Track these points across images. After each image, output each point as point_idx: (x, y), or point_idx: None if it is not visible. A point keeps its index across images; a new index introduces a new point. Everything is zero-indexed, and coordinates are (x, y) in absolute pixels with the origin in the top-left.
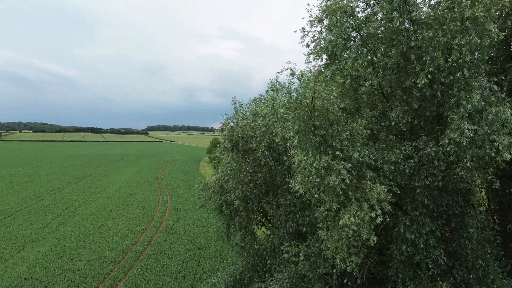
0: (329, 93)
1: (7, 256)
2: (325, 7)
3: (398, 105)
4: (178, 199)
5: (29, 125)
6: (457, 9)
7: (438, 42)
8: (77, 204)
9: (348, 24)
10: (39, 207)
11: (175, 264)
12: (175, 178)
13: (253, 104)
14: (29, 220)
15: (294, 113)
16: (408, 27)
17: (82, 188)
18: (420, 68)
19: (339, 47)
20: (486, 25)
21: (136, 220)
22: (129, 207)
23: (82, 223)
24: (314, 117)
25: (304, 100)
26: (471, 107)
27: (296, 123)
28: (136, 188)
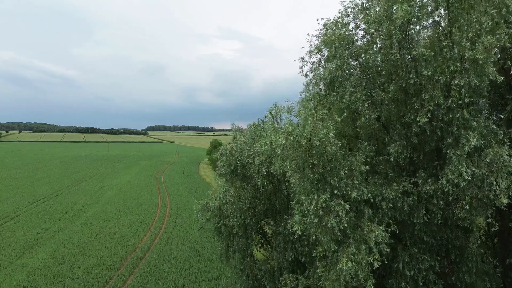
0: (327, 131)
1: (7, 263)
2: (324, 36)
3: (397, 140)
4: (177, 203)
5: (29, 125)
6: (457, 48)
7: (437, 80)
8: (76, 208)
9: (347, 54)
10: (38, 211)
11: (175, 271)
12: (175, 180)
13: (252, 128)
14: (28, 225)
15: (292, 150)
16: (407, 62)
17: (82, 191)
18: (419, 104)
19: (337, 78)
20: (486, 67)
21: (135, 224)
22: (128, 211)
23: (82, 228)
24: (312, 155)
25: (302, 139)
26: (469, 149)
27: (294, 162)
28: (135, 191)
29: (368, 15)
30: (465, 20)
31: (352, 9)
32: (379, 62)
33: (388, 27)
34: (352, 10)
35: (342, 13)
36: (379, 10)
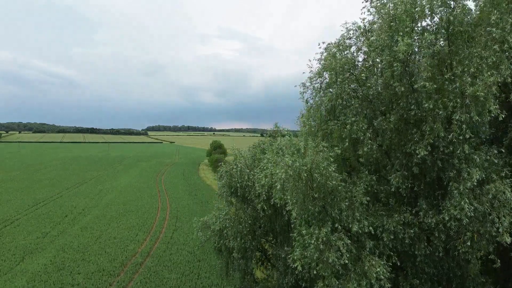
0: (328, 164)
1: (7, 268)
2: (325, 61)
3: (398, 169)
4: (177, 206)
5: (29, 125)
6: (458, 83)
7: (438, 113)
8: (76, 212)
9: (348, 81)
10: (38, 215)
11: (175, 277)
12: (175, 182)
13: (252, 148)
14: (28, 229)
15: (292, 183)
16: (408, 93)
17: (82, 194)
18: (420, 136)
19: (338, 106)
20: (487, 104)
21: (135, 228)
22: (128, 215)
23: (82, 232)
24: (313, 188)
25: (302, 173)
26: (471, 185)
27: (294, 194)
28: (135, 194)
29: (370, 41)
30: (466, 54)
31: (354, 31)
32: (380, 89)
33: (389, 58)
34: (354, 32)
35: (343, 36)
36: (380, 39)
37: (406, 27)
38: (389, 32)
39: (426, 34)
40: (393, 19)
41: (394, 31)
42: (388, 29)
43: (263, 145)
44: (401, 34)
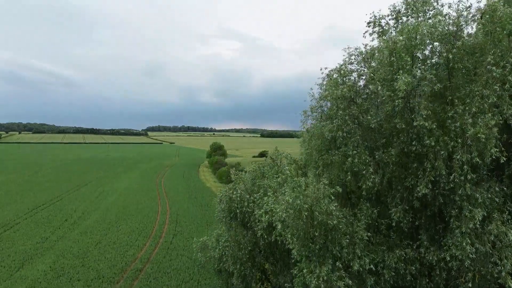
0: (329, 202)
1: (6, 275)
2: (326, 91)
3: (399, 203)
4: (177, 209)
5: (29, 125)
6: (459, 122)
7: (439, 151)
8: (76, 216)
9: (348, 112)
10: (38, 219)
11: (174, 284)
12: (175, 185)
13: (252, 172)
14: (28, 234)
15: (292, 221)
16: (409, 128)
17: (81, 197)
18: (421, 171)
19: (339, 138)
20: (488, 145)
21: (135, 233)
22: (128, 219)
23: (81, 237)
24: (314, 226)
25: (303, 212)
26: (473, 226)
27: (295, 231)
28: (135, 197)
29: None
30: (467, 91)
31: (356, 56)
32: (381, 119)
33: (389, 93)
34: (355, 58)
35: (345, 61)
36: (381, 72)
37: (406, 64)
38: (389, 67)
39: (426, 73)
40: (392, 53)
41: (394, 69)
42: (388, 63)
43: (263, 168)
44: (401, 71)
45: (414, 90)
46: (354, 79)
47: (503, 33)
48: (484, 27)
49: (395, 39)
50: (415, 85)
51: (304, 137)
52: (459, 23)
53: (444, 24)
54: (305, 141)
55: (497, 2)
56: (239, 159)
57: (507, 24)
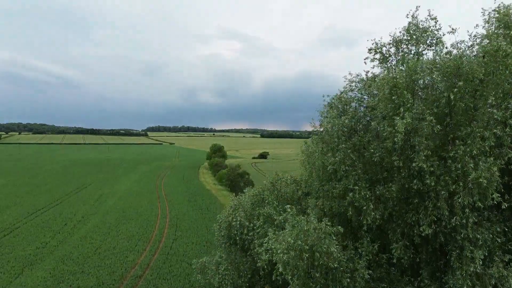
0: (330, 243)
1: (6, 282)
2: (326, 124)
3: (400, 238)
4: (177, 213)
5: (29, 126)
6: (460, 164)
7: (441, 192)
8: (76, 220)
9: (349, 146)
10: (38, 223)
11: None
12: (175, 187)
13: (253, 198)
14: (28, 238)
15: (293, 261)
16: (410, 165)
17: (81, 200)
18: (423, 209)
19: (340, 171)
20: (489, 189)
21: (135, 238)
22: (128, 223)
23: (81, 242)
24: (314, 266)
25: (304, 253)
26: (474, 269)
27: (295, 271)
28: (135, 200)
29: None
30: (468, 131)
31: (356, 83)
32: (382, 153)
33: (390, 129)
34: (356, 84)
35: (346, 87)
36: (382, 108)
37: (408, 102)
38: (390, 103)
39: (426, 114)
40: (393, 90)
41: (395, 104)
42: (389, 99)
43: (263, 193)
44: (402, 108)
45: (415, 129)
46: (354, 106)
47: (506, 72)
48: (487, 66)
49: (395, 75)
50: (415, 125)
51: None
52: (460, 63)
53: (445, 61)
54: (306, 166)
55: (501, 40)
56: (239, 160)
57: (510, 63)
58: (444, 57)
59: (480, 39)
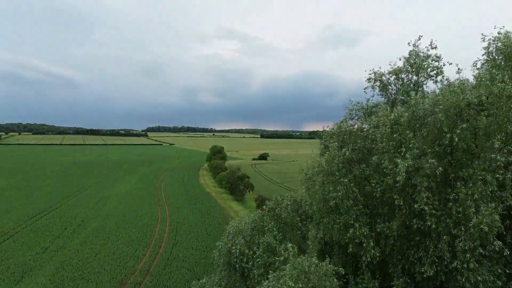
0: (331, 285)
1: None
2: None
3: (401, 275)
4: (177, 217)
5: (29, 126)
6: (461, 207)
7: (442, 235)
8: (76, 224)
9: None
10: (38, 227)
11: None
12: (175, 189)
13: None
14: (28, 243)
15: None
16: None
17: (81, 203)
18: (423, 249)
19: (342, 206)
20: (491, 236)
21: (135, 242)
22: (128, 227)
23: (81, 247)
24: None
25: None
26: None
27: None
28: (135, 203)
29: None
30: (469, 173)
31: (356, 111)
32: (384, 189)
33: (391, 167)
34: (356, 112)
35: (346, 116)
36: (383, 145)
37: (409, 142)
38: (392, 140)
39: (428, 157)
40: (394, 128)
41: (396, 142)
42: (390, 136)
43: (263, 218)
44: (403, 147)
45: (416, 168)
46: (354, 135)
47: (509, 114)
48: (490, 108)
49: (397, 115)
50: (417, 165)
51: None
52: (463, 103)
53: (447, 98)
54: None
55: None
56: (239, 161)
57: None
58: (446, 95)
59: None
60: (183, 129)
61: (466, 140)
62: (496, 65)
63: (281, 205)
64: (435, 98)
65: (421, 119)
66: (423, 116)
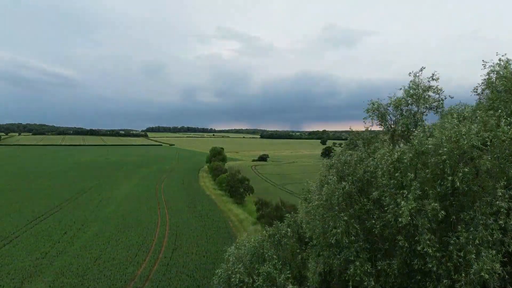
0: None
1: None
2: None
3: None
4: (177, 220)
5: (29, 126)
6: (462, 252)
7: (442, 279)
8: (76, 228)
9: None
10: (38, 232)
11: None
12: (174, 192)
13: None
14: (27, 248)
15: None
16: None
17: (81, 206)
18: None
19: (343, 242)
20: (491, 283)
21: (135, 247)
22: (128, 231)
23: (81, 252)
24: None
25: None
26: None
27: None
28: (135, 205)
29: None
30: (471, 216)
31: (355, 141)
32: (384, 225)
33: (393, 210)
34: (355, 142)
35: (347, 146)
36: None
37: (411, 184)
38: (393, 179)
39: (430, 200)
40: (396, 166)
41: (398, 181)
42: (392, 175)
43: (262, 243)
44: (405, 190)
45: (418, 210)
46: (354, 163)
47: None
48: (493, 151)
49: (399, 155)
50: (419, 207)
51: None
52: (465, 147)
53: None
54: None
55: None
56: (239, 163)
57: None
58: (449, 135)
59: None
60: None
61: (468, 182)
62: (497, 97)
63: (281, 231)
64: (438, 138)
65: (424, 157)
66: (426, 156)
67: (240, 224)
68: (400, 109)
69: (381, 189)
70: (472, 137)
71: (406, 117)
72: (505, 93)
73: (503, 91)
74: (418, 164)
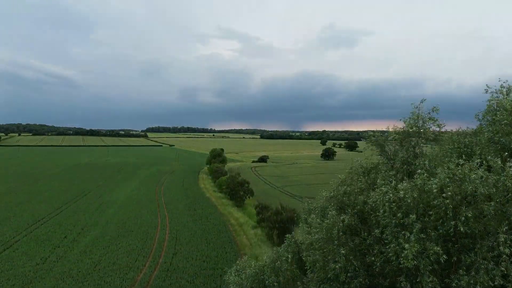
0: None
1: None
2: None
3: None
4: (177, 224)
5: (29, 126)
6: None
7: None
8: (76, 232)
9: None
10: (38, 236)
11: None
12: (174, 194)
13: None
14: (28, 253)
15: None
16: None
17: (81, 209)
18: None
19: (342, 277)
20: None
21: (135, 252)
22: (128, 235)
23: (81, 257)
24: None
25: None
26: None
27: None
28: (135, 209)
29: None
30: (472, 259)
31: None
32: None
33: (395, 248)
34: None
35: (347, 177)
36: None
37: (413, 226)
38: (395, 220)
39: (432, 244)
40: (397, 205)
41: (399, 220)
42: (393, 214)
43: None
44: (408, 232)
45: (421, 254)
46: (355, 194)
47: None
48: (495, 195)
49: (402, 194)
50: (421, 249)
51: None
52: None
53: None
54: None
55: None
56: (239, 164)
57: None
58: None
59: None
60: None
61: (470, 225)
62: (497, 131)
63: (281, 258)
64: (443, 179)
65: (426, 197)
66: (428, 196)
67: (240, 227)
68: (400, 140)
69: (382, 226)
70: (476, 183)
71: (405, 149)
72: (506, 126)
73: (504, 124)
74: (420, 204)
